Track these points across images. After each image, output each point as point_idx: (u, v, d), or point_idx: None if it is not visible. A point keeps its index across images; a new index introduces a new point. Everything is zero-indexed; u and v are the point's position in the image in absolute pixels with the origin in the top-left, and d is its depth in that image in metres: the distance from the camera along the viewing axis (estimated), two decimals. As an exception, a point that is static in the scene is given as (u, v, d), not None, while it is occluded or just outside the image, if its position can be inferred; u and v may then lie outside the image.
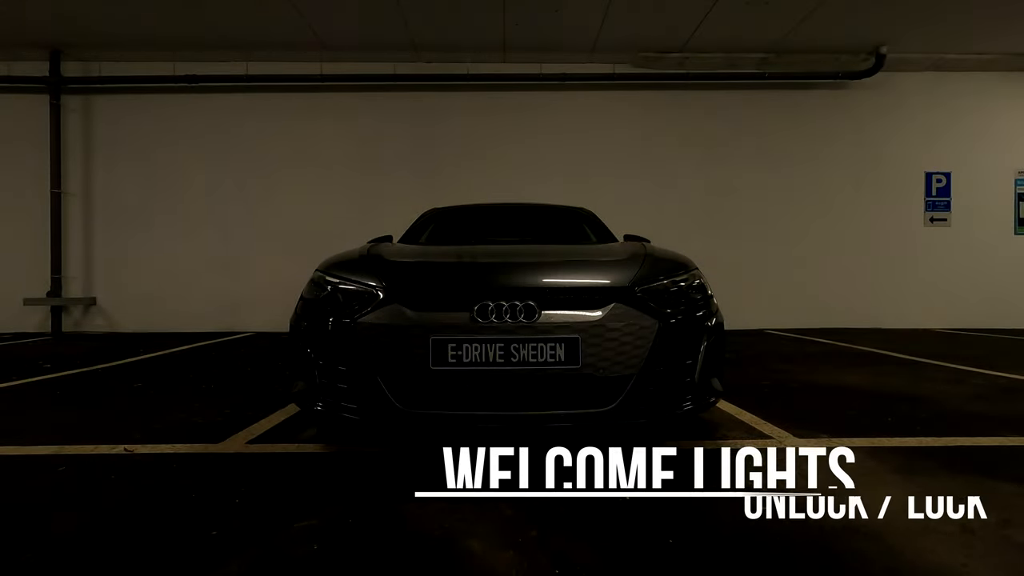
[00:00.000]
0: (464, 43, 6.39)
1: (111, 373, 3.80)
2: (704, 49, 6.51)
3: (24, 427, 2.41)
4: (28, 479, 1.80)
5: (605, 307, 1.84)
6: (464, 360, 1.77)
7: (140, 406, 2.80)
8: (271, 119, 6.83)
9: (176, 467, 1.90)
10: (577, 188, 6.65)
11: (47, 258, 6.62)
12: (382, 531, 1.41)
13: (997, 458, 1.94)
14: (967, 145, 7.00)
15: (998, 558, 1.26)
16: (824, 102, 6.96)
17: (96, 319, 6.78)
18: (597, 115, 6.91)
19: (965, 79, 6.94)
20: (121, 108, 6.79)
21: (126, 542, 1.36)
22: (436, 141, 6.87)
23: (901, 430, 2.28)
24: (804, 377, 3.53)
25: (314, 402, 1.96)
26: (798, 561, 1.26)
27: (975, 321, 6.86)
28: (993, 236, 7.00)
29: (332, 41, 6.31)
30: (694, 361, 1.92)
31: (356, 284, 1.98)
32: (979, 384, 3.25)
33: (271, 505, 1.57)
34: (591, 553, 1.29)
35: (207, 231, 6.81)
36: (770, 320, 6.78)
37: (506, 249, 2.49)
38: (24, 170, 6.69)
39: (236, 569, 1.22)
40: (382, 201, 6.75)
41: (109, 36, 6.16)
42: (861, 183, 6.98)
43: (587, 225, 3.44)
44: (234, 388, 3.25)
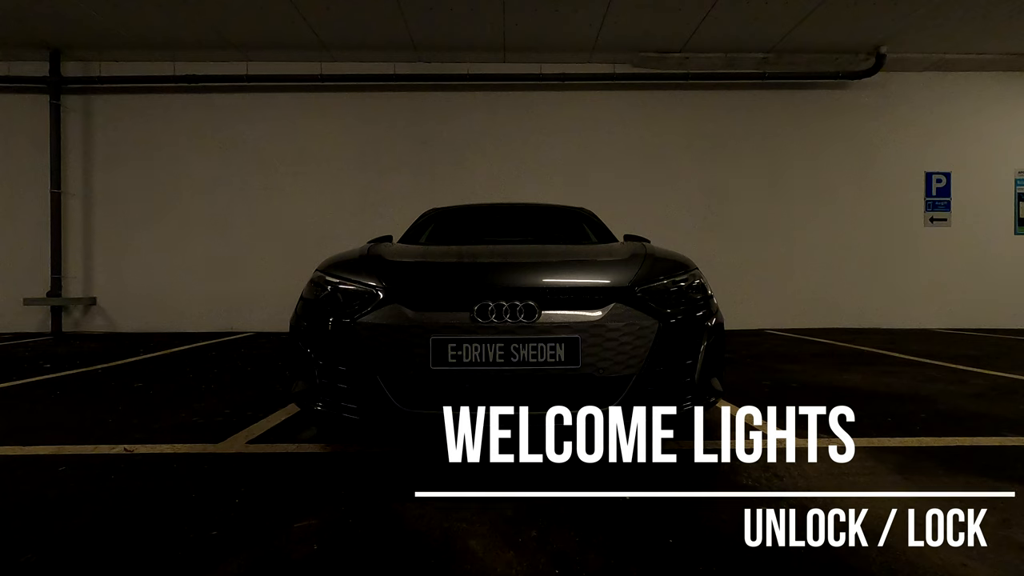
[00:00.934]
0: (464, 43, 6.39)
1: (111, 373, 3.80)
2: (704, 49, 6.51)
3: (24, 427, 2.41)
4: (28, 479, 1.80)
5: (605, 307, 1.84)
6: (464, 360, 1.76)
7: (140, 406, 2.80)
8: (271, 119, 6.83)
9: (176, 467, 1.90)
10: (577, 188, 6.65)
11: (47, 258, 6.62)
12: (382, 531, 1.41)
13: (997, 458, 1.94)
14: (967, 145, 7.00)
15: (998, 558, 1.26)
16: (824, 102, 6.96)
17: (96, 319, 6.78)
18: (597, 115, 6.91)
19: (965, 79, 6.94)
20: (121, 108, 6.79)
21: (126, 542, 1.36)
22: (436, 141, 6.87)
23: (901, 430, 2.28)
24: (804, 377, 3.53)
25: (314, 402, 1.96)
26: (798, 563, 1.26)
27: (975, 321, 6.86)
28: (993, 236, 7.00)
29: (332, 41, 6.31)
30: (694, 361, 1.92)
31: (356, 284, 1.98)
32: (979, 384, 3.25)
33: (271, 505, 1.57)
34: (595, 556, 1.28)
35: (207, 231, 6.81)
36: (770, 320, 6.78)
37: (506, 249, 2.49)
38: (24, 170, 6.69)
39: (236, 569, 1.22)
40: (382, 201, 6.75)
41: (109, 36, 6.16)
42: (861, 183, 6.98)
43: (587, 225, 3.44)
44: (234, 388, 3.25)
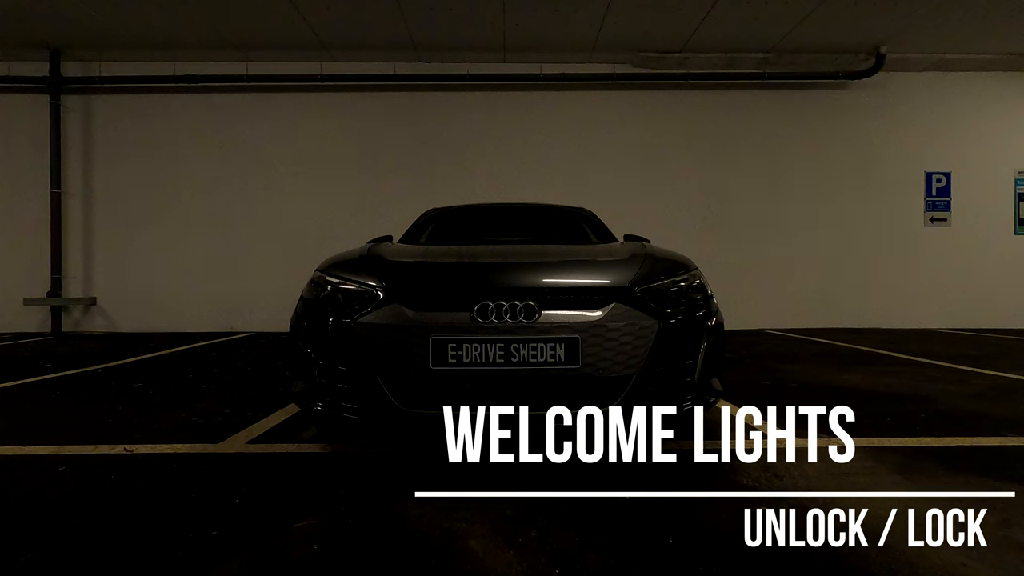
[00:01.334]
0: (464, 43, 6.39)
1: (111, 373, 3.80)
2: (704, 49, 6.51)
3: (24, 427, 2.41)
4: (28, 479, 1.80)
5: (605, 307, 1.84)
6: (464, 360, 1.76)
7: (140, 406, 2.80)
8: (271, 119, 6.83)
9: (176, 467, 1.90)
10: (577, 188, 6.65)
11: (47, 258, 6.62)
12: (382, 531, 1.41)
13: (997, 458, 1.94)
14: (967, 145, 7.00)
15: (998, 558, 1.26)
16: (824, 102, 6.96)
17: (96, 319, 6.78)
18: (597, 115, 6.91)
19: (965, 79, 6.94)
20: (121, 108, 6.79)
21: (126, 542, 1.36)
22: (436, 141, 6.87)
23: (901, 430, 2.28)
24: (804, 377, 3.53)
25: (314, 402, 1.96)
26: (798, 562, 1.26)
27: (975, 321, 6.86)
28: (993, 236, 7.00)
29: (332, 41, 6.31)
30: (694, 361, 1.92)
31: (356, 284, 1.98)
32: (979, 384, 3.25)
33: (271, 505, 1.57)
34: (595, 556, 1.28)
35: (207, 231, 6.81)
36: (770, 320, 6.78)
37: (506, 249, 2.49)
38: (24, 170, 6.69)
39: (236, 569, 1.22)
40: (382, 201, 6.75)
41: (109, 36, 6.16)
42: (861, 183, 6.98)
43: (587, 225, 3.44)
44: (234, 388, 3.25)
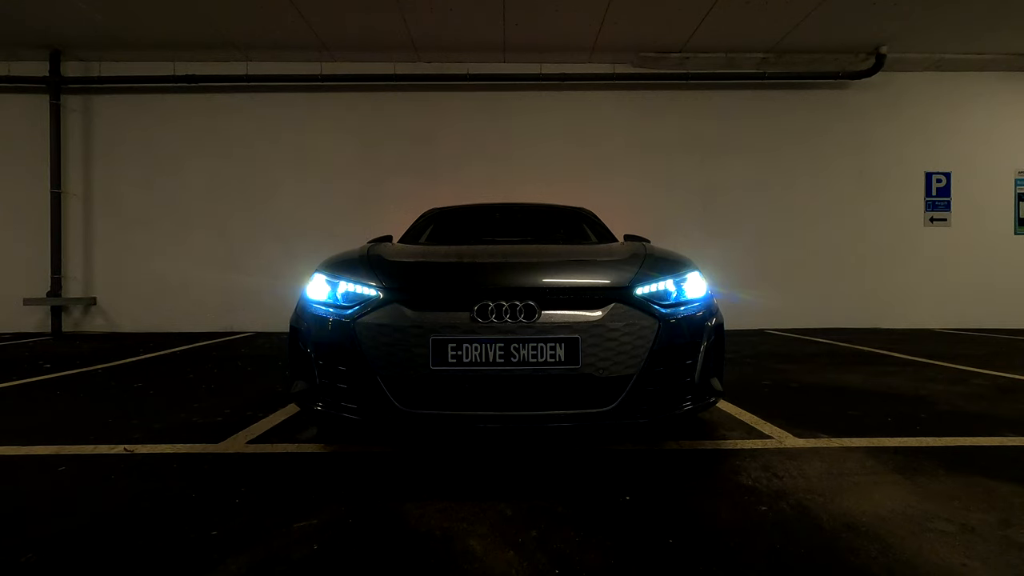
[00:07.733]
0: (464, 43, 6.39)
1: (111, 373, 3.80)
2: (704, 49, 6.51)
3: (24, 427, 2.41)
4: (28, 479, 1.80)
5: (605, 307, 1.84)
6: (464, 360, 1.76)
7: (140, 406, 2.80)
8: (271, 119, 6.83)
9: (176, 467, 1.90)
10: (577, 188, 6.65)
11: (47, 258, 6.62)
12: (382, 531, 1.41)
13: (998, 458, 1.94)
14: (967, 145, 7.00)
15: (998, 558, 1.26)
16: (824, 102, 6.96)
17: (96, 319, 6.78)
18: (597, 115, 6.91)
19: (965, 79, 6.94)
20: (121, 108, 6.79)
21: (126, 542, 1.36)
22: (436, 141, 6.87)
23: (901, 430, 2.28)
24: (804, 377, 3.53)
25: (314, 402, 1.96)
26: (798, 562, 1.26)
27: (975, 321, 6.86)
28: (993, 236, 7.00)
29: (332, 41, 6.31)
30: (694, 361, 1.92)
31: (356, 284, 1.98)
32: (980, 384, 3.25)
33: (271, 505, 1.57)
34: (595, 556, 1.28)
35: (207, 231, 6.81)
36: (770, 320, 6.78)
37: (506, 249, 2.49)
38: (24, 170, 6.69)
39: (236, 569, 1.22)
40: (382, 201, 6.75)
41: (109, 36, 6.16)
42: (861, 183, 6.98)
43: (587, 225, 3.44)
44: (234, 388, 3.25)
